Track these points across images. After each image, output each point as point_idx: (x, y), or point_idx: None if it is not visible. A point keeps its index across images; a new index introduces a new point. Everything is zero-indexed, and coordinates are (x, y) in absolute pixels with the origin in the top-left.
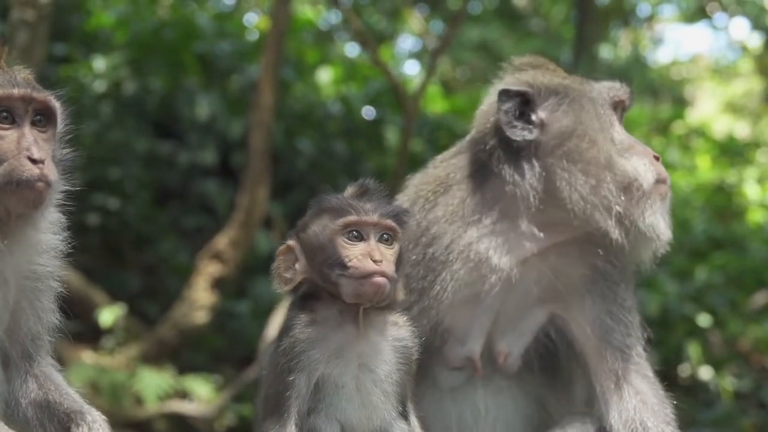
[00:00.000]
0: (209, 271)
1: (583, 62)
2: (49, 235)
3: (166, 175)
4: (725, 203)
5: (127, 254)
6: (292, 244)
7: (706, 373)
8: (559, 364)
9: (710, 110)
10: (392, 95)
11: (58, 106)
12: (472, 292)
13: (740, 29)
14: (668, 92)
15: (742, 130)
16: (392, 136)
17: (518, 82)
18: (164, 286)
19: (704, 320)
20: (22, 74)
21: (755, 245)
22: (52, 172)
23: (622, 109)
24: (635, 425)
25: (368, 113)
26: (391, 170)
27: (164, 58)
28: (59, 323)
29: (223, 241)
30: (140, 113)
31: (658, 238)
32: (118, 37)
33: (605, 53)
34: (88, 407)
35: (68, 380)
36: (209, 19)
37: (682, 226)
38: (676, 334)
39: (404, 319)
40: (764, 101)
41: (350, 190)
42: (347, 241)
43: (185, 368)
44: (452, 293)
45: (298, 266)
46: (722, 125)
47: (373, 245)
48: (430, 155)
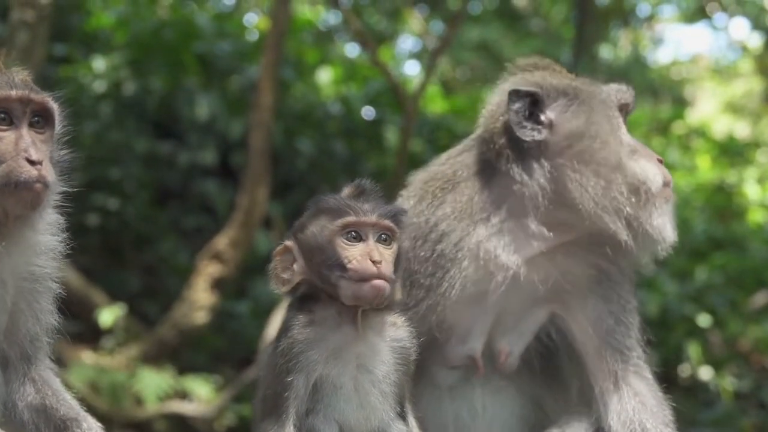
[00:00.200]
0: (209, 271)
1: (583, 62)
2: (47, 236)
3: (166, 175)
4: (725, 203)
5: (127, 254)
6: (289, 244)
7: (706, 373)
8: (557, 363)
9: (710, 110)
10: (392, 95)
11: (55, 107)
12: (478, 289)
13: (740, 29)
14: (668, 92)
15: (742, 130)
16: (392, 136)
17: (527, 82)
18: (164, 286)
19: (704, 320)
20: (20, 75)
21: (755, 245)
22: (50, 173)
23: (626, 112)
24: (634, 426)
25: (368, 113)
26: (390, 170)
27: (164, 58)
28: (59, 324)
29: (223, 241)
30: (140, 113)
31: (664, 240)
32: (118, 37)
33: (605, 53)
34: (84, 414)
35: (66, 384)
36: (209, 19)
37: (682, 226)
38: (676, 334)
39: (402, 319)
40: (764, 101)
41: (347, 190)
42: (346, 241)
43: (185, 368)
44: (460, 290)
45: (296, 267)
46: (722, 125)
47: (372, 245)
48: (429, 155)
